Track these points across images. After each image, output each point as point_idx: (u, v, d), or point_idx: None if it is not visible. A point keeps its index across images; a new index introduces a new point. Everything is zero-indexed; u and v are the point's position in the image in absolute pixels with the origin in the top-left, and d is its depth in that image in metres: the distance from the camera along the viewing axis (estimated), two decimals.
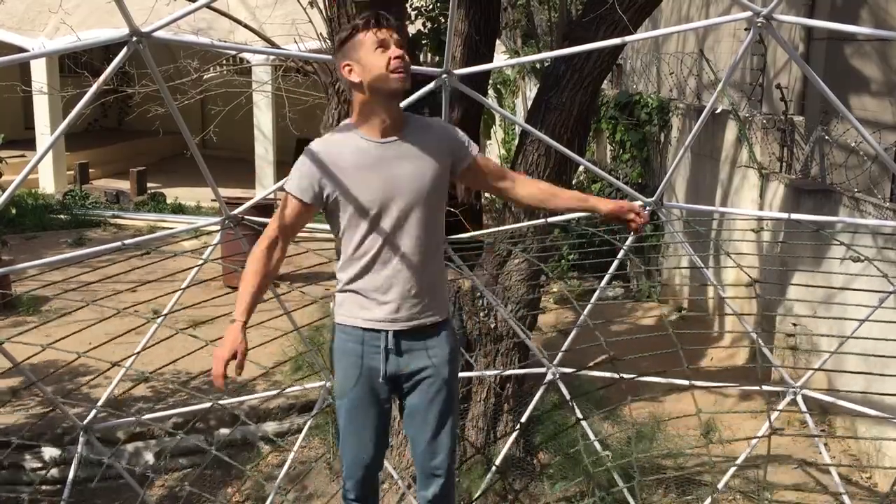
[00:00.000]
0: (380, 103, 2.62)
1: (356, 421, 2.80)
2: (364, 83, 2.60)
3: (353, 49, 2.61)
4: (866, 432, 5.65)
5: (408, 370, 2.76)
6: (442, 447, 2.82)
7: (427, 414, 2.79)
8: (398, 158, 2.64)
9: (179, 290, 3.93)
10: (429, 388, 2.77)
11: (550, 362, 4.60)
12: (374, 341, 2.73)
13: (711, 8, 8.91)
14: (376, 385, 2.76)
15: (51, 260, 3.58)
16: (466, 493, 5.11)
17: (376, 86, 2.59)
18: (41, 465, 5.92)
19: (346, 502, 2.96)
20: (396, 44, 2.60)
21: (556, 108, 5.19)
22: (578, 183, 10.54)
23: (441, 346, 2.78)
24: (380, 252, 2.67)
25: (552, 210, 2.85)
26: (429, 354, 2.76)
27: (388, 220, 2.64)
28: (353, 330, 2.75)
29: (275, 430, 6.40)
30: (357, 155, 2.63)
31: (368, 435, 2.81)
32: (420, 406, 2.79)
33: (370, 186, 2.62)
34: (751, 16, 3.12)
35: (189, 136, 3.49)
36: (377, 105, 2.62)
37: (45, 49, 3.37)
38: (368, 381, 2.76)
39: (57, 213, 12.64)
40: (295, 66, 8.23)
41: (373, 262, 2.68)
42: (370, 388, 2.76)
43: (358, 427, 2.81)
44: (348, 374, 2.77)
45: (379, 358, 2.73)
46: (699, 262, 4.71)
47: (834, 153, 6.30)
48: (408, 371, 2.76)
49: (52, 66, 13.90)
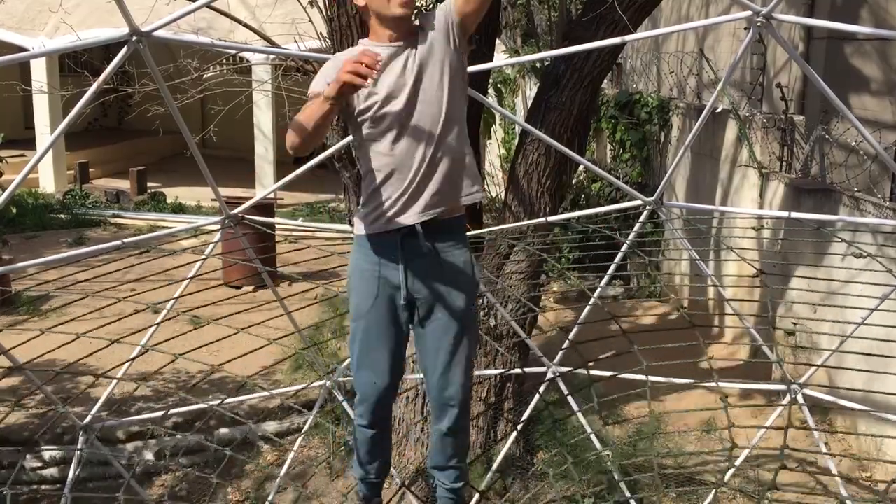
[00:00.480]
0: (386, 24, 2.68)
1: (371, 343, 2.79)
2: (369, 7, 2.68)
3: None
4: (867, 431, 5.65)
5: (423, 294, 2.74)
6: (455, 378, 2.80)
7: (441, 342, 2.77)
8: (407, 57, 2.66)
9: (179, 289, 3.92)
10: (443, 316, 2.76)
11: (550, 362, 4.59)
12: (391, 251, 2.70)
13: (711, 7, 8.90)
14: (394, 307, 2.75)
15: (51, 259, 3.57)
16: (467, 493, 5.11)
17: (380, 11, 2.65)
18: (41, 465, 5.93)
19: (358, 429, 2.95)
20: None
21: (556, 108, 5.18)
22: (578, 182, 10.54)
23: (458, 265, 2.76)
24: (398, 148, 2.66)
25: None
26: (446, 274, 2.73)
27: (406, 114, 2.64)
28: (369, 242, 2.73)
29: (275, 430, 6.40)
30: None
31: (384, 358, 2.79)
32: (434, 334, 2.78)
33: (384, 79, 2.63)
34: (751, 15, 3.12)
35: (189, 135, 3.49)
36: (384, 26, 2.68)
37: (45, 48, 3.38)
38: (386, 303, 2.75)
39: (57, 213, 12.64)
40: (295, 66, 8.22)
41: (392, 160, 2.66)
42: (387, 309, 2.75)
43: (373, 350, 2.79)
44: (365, 294, 2.76)
45: (398, 275, 2.71)
46: (699, 262, 4.70)
47: (834, 152, 6.30)
48: (423, 295, 2.74)
49: (52, 65, 13.90)
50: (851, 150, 6.16)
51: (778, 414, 4.49)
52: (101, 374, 3.87)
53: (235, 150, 15.85)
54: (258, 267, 4.24)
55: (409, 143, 2.65)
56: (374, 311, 2.76)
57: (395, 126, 2.65)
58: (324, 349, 6.81)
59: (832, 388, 5.67)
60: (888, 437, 5.26)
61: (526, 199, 5.36)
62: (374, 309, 2.76)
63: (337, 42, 4.86)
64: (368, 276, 2.76)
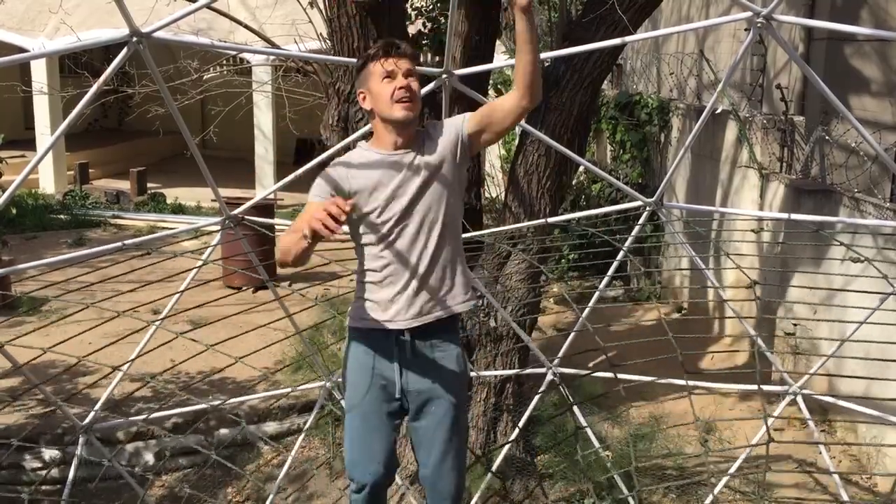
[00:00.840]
0: (390, 129, 2.72)
1: (366, 434, 2.82)
2: (374, 111, 2.72)
3: (365, 78, 2.73)
4: (866, 432, 5.64)
5: (416, 389, 2.78)
6: (447, 472, 2.86)
7: (434, 437, 2.82)
8: (409, 164, 2.71)
9: (179, 291, 3.92)
10: (436, 411, 2.80)
11: (550, 363, 4.59)
12: (387, 347, 2.76)
13: (711, 8, 8.90)
14: (388, 398, 2.79)
15: (51, 260, 3.58)
16: (467, 493, 5.11)
17: (384, 114, 2.70)
18: (41, 466, 5.92)
19: (351, 496, 2.94)
20: (404, 73, 2.69)
21: (557, 109, 5.18)
22: (578, 183, 10.54)
23: (450, 362, 2.81)
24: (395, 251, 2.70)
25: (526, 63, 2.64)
26: (439, 370, 2.78)
27: (398, 219, 2.69)
28: (365, 336, 2.78)
29: (275, 431, 6.40)
30: (369, 162, 2.73)
31: (379, 448, 2.83)
32: (427, 429, 2.83)
33: (384, 186, 2.68)
34: (751, 16, 3.12)
35: (189, 136, 3.49)
36: (388, 130, 2.72)
37: (45, 49, 3.37)
38: (379, 394, 2.79)
39: (57, 214, 12.64)
40: (295, 67, 8.24)
41: (389, 263, 2.71)
42: (381, 401, 2.79)
43: (368, 440, 2.82)
44: (359, 385, 2.81)
45: (392, 368, 2.76)
46: (699, 263, 4.70)
47: (834, 153, 6.30)
48: (416, 390, 2.79)
49: (53, 66, 13.90)
50: (851, 151, 6.16)
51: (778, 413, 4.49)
52: (103, 377, 3.87)
53: (235, 150, 15.85)
54: (258, 267, 4.24)
55: (406, 246, 2.70)
56: (368, 403, 2.80)
57: (394, 227, 2.69)
58: (323, 350, 6.81)
59: (832, 390, 5.67)
60: (887, 445, 5.26)
61: (526, 199, 5.36)
62: (367, 400, 2.80)
63: (337, 42, 4.86)
64: (363, 368, 2.80)
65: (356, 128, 4.85)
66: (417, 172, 2.69)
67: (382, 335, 2.76)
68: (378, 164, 2.71)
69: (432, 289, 2.73)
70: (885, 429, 5.30)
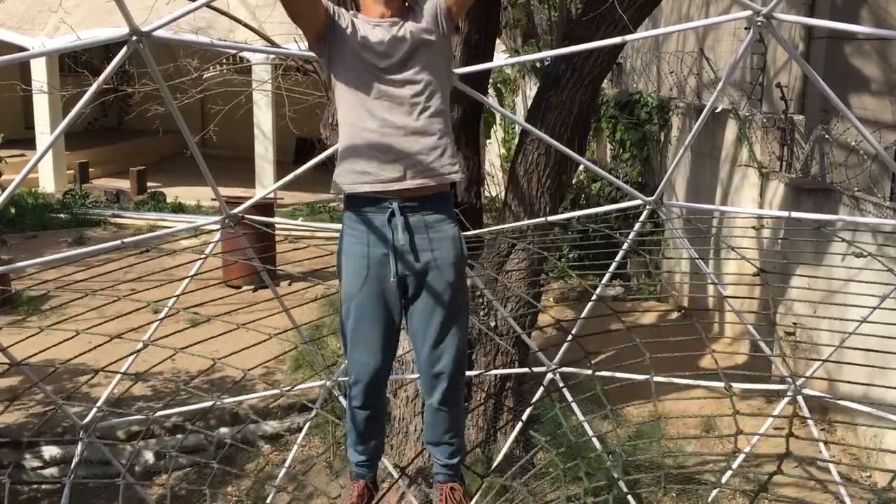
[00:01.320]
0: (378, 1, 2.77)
1: (363, 324, 2.78)
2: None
3: None
4: (867, 430, 5.65)
5: (413, 270, 2.75)
6: (445, 351, 2.80)
7: (431, 317, 2.77)
8: (397, 30, 2.75)
9: (179, 289, 3.92)
10: (433, 290, 2.77)
11: (550, 361, 4.59)
12: (379, 231, 2.73)
13: (711, 7, 8.90)
14: (384, 285, 2.75)
15: (50, 259, 3.57)
16: (466, 492, 5.11)
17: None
18: (41, 464, 5.93)
19: (352, 410, 2.92)
20: None
21: (557, 107, 5.18)
22: (578, 182, 10.54)
23: (446, 241, 2.78)
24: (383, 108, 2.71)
25: None
26: (433, 249, 2.76)
27: (387, 81, 2.71)
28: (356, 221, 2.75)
29: (275, 430, 6.40)
30: (358, 24, 2.77)
31: (376, 338, 2.78)
32: (424, 309, 2.78)
33: (376, 44, 2.71)
34: (751, 15, 3.12)
35: (189, 135, 3.49)
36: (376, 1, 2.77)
37: (44, 48, 3.37)
38: (376, 282, 2.75)
39: (57, 213, 12.64)
40: (295, 66, 8.24)
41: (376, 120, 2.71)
42: (378, 288, 2.76)
43: (365, 330, 2.78)
44: (354, 273, 2.77)
45: (387, 252, 2.73)
46: (700, 262, 4.70)
47: (834, 152, 6.30)
48: (413, 272, 2.75)
49: (52, 65, 13.90)
50: (851, 150, 6.16)
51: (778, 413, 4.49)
52: (98, 370, 3.87)
53: (235, 149, 15.86)
54: (258, 266, 4.24)
55: (393, 105, 2.71)
56: (365, 291, 2.76)
57: (382, 80, 2.71)
58: (324, 348, 6.81)
59: (832, 388, 5.67)
60: (887, 446, 5.26)
61: (526, 198, 5.36)
62: (364, 288, 2.76)
63: None
64: (357, 255, 2.76)
65: None
66: (405, 39, 2.73)
67: (374, 215, 2.73)
68: (370, 29, 2.74)
69: (420, 155, 2.71)
70: (886, 425, 5.29)
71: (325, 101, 5.56)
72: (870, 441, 5.68)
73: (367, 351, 2.80)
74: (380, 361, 2.81)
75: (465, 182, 6.21)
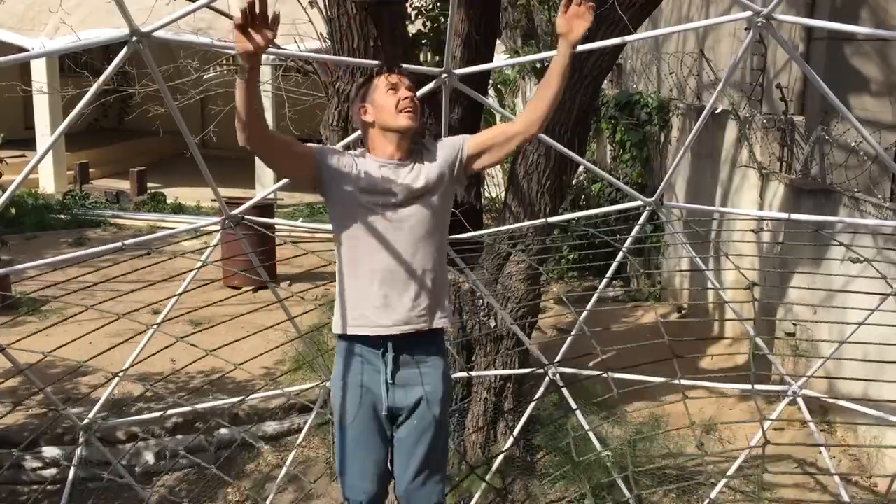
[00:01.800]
0: (390, 139, 2.80)
1: (358, 452, 2.84)
2: (376, 122, 2.81)
3: (368, 92, 2.85)
4: (866, 432, 5.64)
5: (404, 404, 2.81)
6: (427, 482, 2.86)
7: (414, 451, 2.83)
8: (405, 174, 2.78)
9: (179, 291, 3.92)
10: (419, 424, 2.82)
11: (550, 363, 4.59)
12: (373, 364, 2.79)
13: (711, 8, 8.90)
14: (377, 415, 2.82)
15: (51, 260, 3.57)
16: (467, 492, 5.11)
17: (386, 123, 2.79)
18: (41, 465, 5.92)
19: None
20: (407, 88, 2.82)
21: (557, 108, 5.18)
22: (578, 183, 10.54)
23: (436, 377, 2.84)
24: (382, 256, 2.75)
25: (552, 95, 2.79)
26: (424, 383, 2.81)
27: (389, 224, 2.75)
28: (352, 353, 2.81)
29: (275, 431, 6.40)
30: (363, 163, 2.80)
31: (371, 466, 2.85)
32: (408, 441, 2.84)
33: (378, 189, 2.74)
34: (751, 16, 3.12)
35: (189, 135, 3.49)
36: (388, 140, 2.81)
37: (45, 49, 3.37)
38: (369, 412, 2.81)
39: (57, 213, 12.63)
40: (295, 66, 8.23)
41: (375, 266, 2.75)
42: (371, 418, 2.82)
43: (360, 458, 2.84)
44: (349, 402, 2.83)
45: (379, 384, 2.79)
46: (699, 263, 4.70)
47: (834, 153, 6.29)
48: (403, 405, 2.82)
49: (52, 66, 13.90)
50: (851, 151, 6.16)
51: (775, 417, 4.49)
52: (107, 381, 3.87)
53: (236, 150, 15.80)
54: (257, 268, 4.24)
55: (393, 253, 2.74)
56: (358, 421, 2.82)
57: (384, 232, 2.73)
58: (323, 349, 6.81)
59: (830, 390, 5.67)
60: (888, 447, 5.26)
61: (526, 199, 5.36)
62: (358, 418, 2.82)
63: (337, 42, 4.86)
64: (353, 384, 2.82)
65: (356, 128, 4.84)
66: (412, 184, 2.76)
67: (368, 350, 2.79)
68: (375, 169, 2.77)
69: (416, 299, 2.77)
70: (885, 428, 5.29)
71: (325, 102, 5.56)
72: (870, 442, 5.68)
73: (365, 476, 2.85)
74: (377, 489, 2.87)
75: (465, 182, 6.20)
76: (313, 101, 8.18)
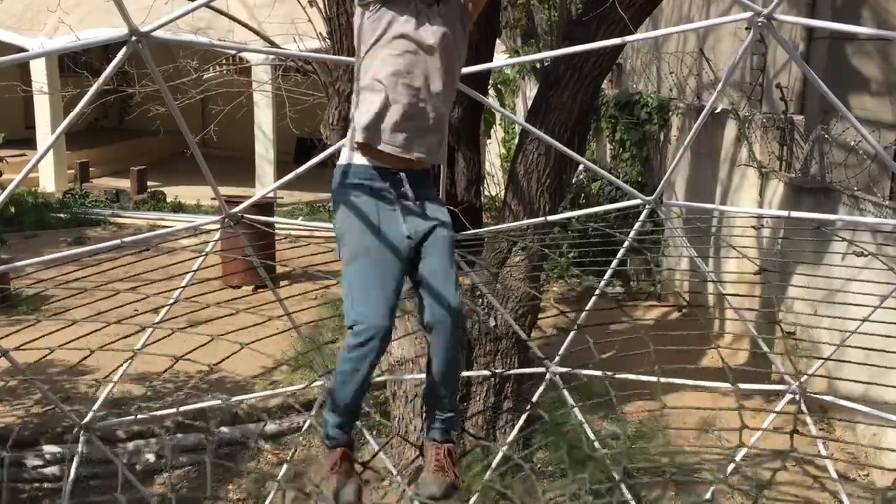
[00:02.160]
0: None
1: (376, 281, 2.75)
2: None
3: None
4: (866, 430, 5.65)
5: (417, 229, 2.84)
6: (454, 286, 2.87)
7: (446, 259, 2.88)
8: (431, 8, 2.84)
9: (178, 289, 3.92)
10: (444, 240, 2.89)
11: (550, 361, 4.59)
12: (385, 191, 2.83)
13: (712, 8, 8.90)
14: (393, 244, 2.80)
15: (50, 258, 3.57)
16: (466, 491, 5.11)
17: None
18: (42, 464, 5.92)
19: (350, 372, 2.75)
20: None
21: (557, 108, 5.18)
22: (578, 182, 10.54)
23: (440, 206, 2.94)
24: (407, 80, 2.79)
25: None
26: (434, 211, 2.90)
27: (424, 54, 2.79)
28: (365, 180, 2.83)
29: (274, 430, 6.40)
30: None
31: (388, 296, 2.75)
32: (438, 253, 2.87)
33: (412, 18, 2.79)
34: (752, 15, 3.12)
35: (189, 135, 3.49)
36: None
37: (44, 48, 3.37)
38: (387, 240, 2.80)
39: (57, 212, 12.63)
40: (295, 66, 8.24)
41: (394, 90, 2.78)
42: (388, 246, 2.80)
43: (378, 287, 2.74)
44: (364, 231, 2.80)
45: (395, 210, 2.82)
46: (700, 261, 4.70)
47: (833, 152, 6.30)
48: (417, 230, 2.84)
49: (52, 65, 13.89)
50: (851, 150, 6.16)
51: (777, 414, 4.49)
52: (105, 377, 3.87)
53: (235, 149, 15.85)
54: (257, 266, 4.24)
55: (417, 81, 2.79)
56: (378, 248, 2.78)
57: (413, 51, 2.78)
58: (323, 348, 6.81)
59: (831, 388, 5.67)
60: (887, 447, 5.26)
61: (526, 198, 5.36)
62: (376, 245, 2.78)
63: (336, 41, 4.86)
64: (368, 213, 2.81)
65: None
66: (438, 19, 2.83)
67: (382, 177, 2.82)
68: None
69: (433, 131, 2.85)
70: (886, 425, 5.30)
71: (325, 101, 5.56)
72: (869, 440, 5.69)
73: (378, 310, 2.71)
74: (390, 322, 2.75)
75: (465, 181, 6.21)
76: (313, 100, 8.18)
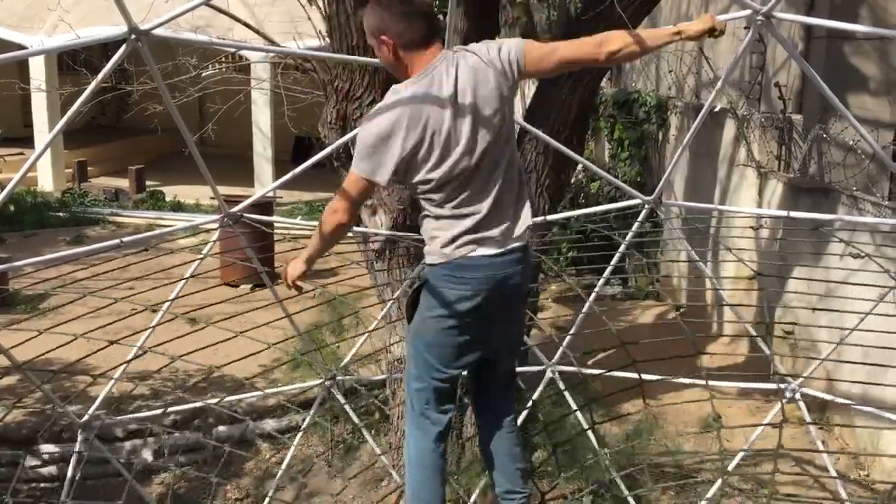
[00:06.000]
0: None
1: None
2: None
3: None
4: (864, 429, 5.65)
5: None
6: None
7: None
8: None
9: (177, 288, 3.92)
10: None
11: (549, 360, 4.59)
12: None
13: (711, 6, 8.90)
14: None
15: (48, 258, 3.56)
16: (465, 490, 5.12)
17: None
18: (40, 463, 5.92)
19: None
20: None
21: (555, 106, 5.18)
22: (577, 181, 10.54)
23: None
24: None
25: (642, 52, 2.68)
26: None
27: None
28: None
29: (273, 429, 6.40)
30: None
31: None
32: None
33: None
34: (751, 14, 3.12)
35: (188, 133, 3.49)
36: None
37: (43, 46, 3.36)
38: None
39: (56, 211, 12.63)
40: (294, 64, 8.22)
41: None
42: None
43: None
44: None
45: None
46: (699, 262, 4.71)
47: (832, 151, 6.30)
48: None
49: (51, 63, 13.88)
50: (849, 150, 6.16)
51: (775, 412, 4.50)
52: (99, 375, 3.87)
53: (234, 148, 15.83)
54: (256, 266, 4.24)
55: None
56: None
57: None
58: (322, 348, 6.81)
59: (829, 387, 5.68)
60: (884, 445, 5.27)
61: None
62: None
63: (336, 40, 4.85)
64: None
65: (354, 126, 4.84)
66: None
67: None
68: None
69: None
70: (883, 424, 5.30)
71: (324, 100, 5.55)
72: (867, 439, 5.69)
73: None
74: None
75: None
76: (312, 98, 8.17)
